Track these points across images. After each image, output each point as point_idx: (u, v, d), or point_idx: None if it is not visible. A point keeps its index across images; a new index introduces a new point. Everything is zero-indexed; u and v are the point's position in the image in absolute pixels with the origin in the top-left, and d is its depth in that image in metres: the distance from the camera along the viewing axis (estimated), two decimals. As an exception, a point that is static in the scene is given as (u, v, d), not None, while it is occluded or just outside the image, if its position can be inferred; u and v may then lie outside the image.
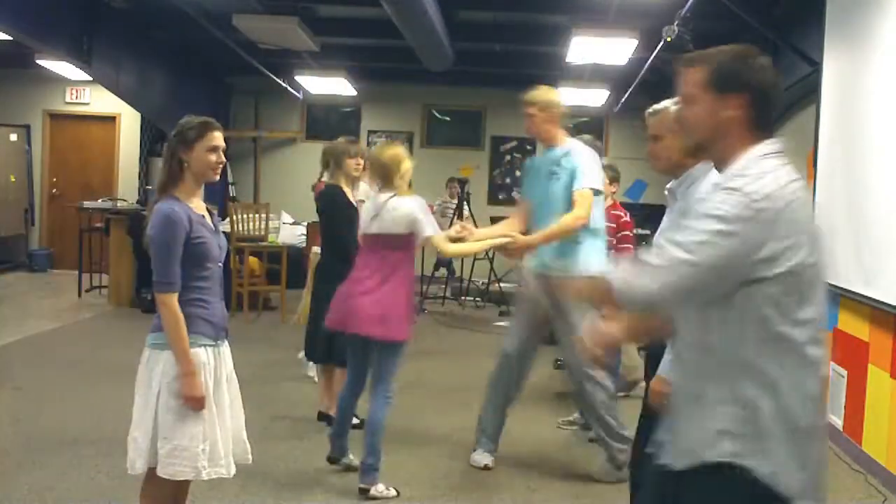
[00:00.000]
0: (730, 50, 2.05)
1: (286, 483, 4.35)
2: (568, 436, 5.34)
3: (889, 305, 4.61)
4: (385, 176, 4.30)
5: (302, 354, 6.27)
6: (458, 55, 9.73)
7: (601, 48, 8.01)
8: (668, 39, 6.73)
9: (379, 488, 4.18)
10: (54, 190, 12.56)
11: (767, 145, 2.00)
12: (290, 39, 8.20)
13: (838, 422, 5.31)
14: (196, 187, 3.01)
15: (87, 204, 10.59)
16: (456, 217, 10.27)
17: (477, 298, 10.62)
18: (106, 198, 11.15)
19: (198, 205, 3.03)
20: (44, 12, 7.87)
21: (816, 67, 6.06)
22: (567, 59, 8.67)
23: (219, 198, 12.48)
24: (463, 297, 10.59)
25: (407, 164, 4.35)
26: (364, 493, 4.16)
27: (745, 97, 1.98)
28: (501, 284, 10.50)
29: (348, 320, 4.19)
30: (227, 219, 8.97)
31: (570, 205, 4.40)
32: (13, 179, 11.96)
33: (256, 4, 8.03)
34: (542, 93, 4.58)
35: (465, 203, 10.42)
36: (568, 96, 10.89)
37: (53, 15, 8.07)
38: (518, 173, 12.82)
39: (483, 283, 10.71)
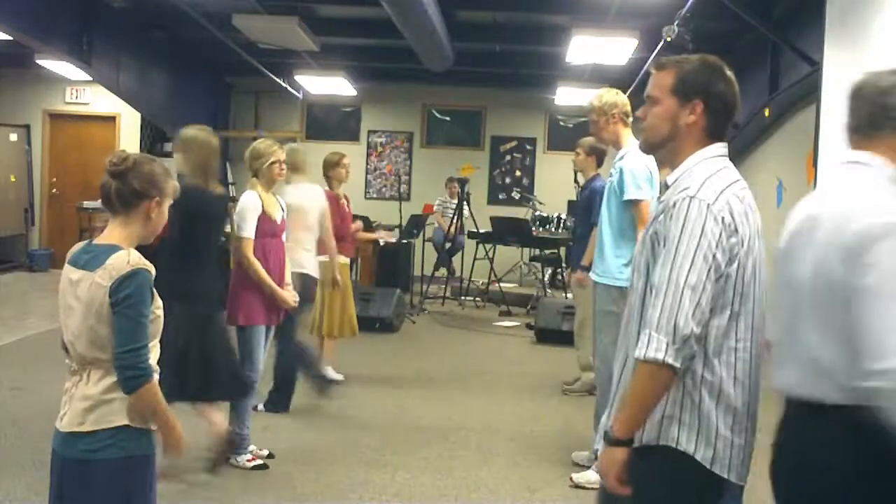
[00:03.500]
0: (697, 59, 2.18)
1: (286, 483, 4.35)
2: (569, 435, 5.34)
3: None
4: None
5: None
6: (458, 55, 9.73)
7: (601, 48, 8.00)
8: (668, 39, 6.73)
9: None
10: (54, 190, 12.56)
11: (716, 148, 2.15)
12: (290, 39, 8.20)
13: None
14: None
15: (87, 204, 10.59)
16: (456, 217, 10.28)
17: (477, 298, 10.61)
18: (106, 198, 11.14)
19: None
20: (44, 12, 7.88)
21: (816, 67, 6.06)
22: (567, 59, 8.67)
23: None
24: (463, 297, 10.59)
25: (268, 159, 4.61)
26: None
27: (703, 104, 2.12)
28: (501, 284, 10.50)
29: None
30: (227, 218, 8.95)
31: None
32: (13, 179, 11.96)
33: (256, 4, 8.03)
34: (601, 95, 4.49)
35: (465, 203, 10.42)
36: (568, 96, 10.94)
37: (53, 15, 8.08)
38: (518, 173, 12.83)
39: (483, 283, 10.71)
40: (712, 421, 2.00)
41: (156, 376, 2.34)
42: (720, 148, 2.15)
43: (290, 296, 4.60)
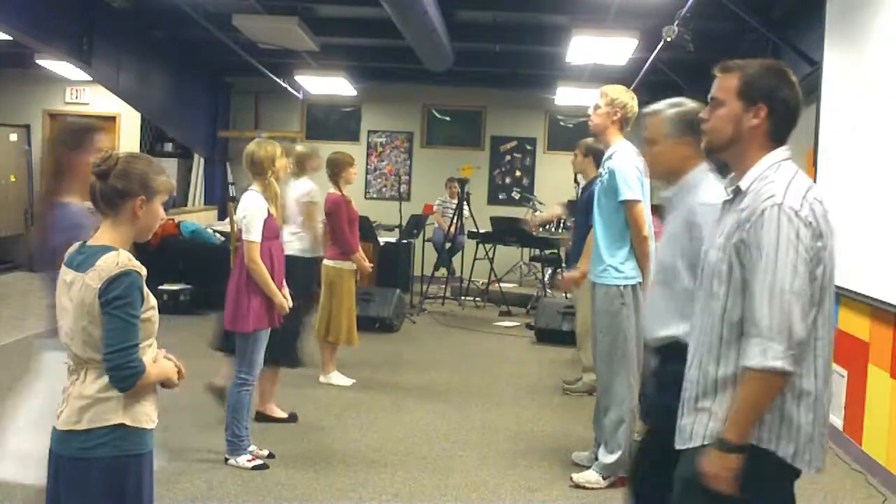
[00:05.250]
0: (760, 63, 2.21)
1: (286, 483, 4.35)
2: (569, 436, 5.34)
3: (889, 305, 4.62)
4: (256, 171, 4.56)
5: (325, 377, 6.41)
6: (458, 55, 9.72)
7: (601, 48, 8.00)
8: (668, 39, 6.74)
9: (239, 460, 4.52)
10: (54, 190, 12.54)
11: (783, 152, 2.21)
12: (290, 39, 8.20)
13: (838, 422, 5.30)
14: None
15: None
16: (456, 217, 10.28)
17: (477, 298, 10.61)
18: (106, 198, 11.15)
19: None
20: (44, 12, 7.87)
21: (816, 67, 6.06)
22: (567, 59, 8.66)
23: (218, 198, 12.50)
24: (463, 297, 10.59)
25: (283, 162, 4.67)
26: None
27: (767, 109, 2.16)
28: (501, 284, 10.50)
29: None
30: (227, 218, 8.96)
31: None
32: (13, 179, 11.96)
33: (256, 4, 8.03)
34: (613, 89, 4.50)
35: (465, 203, 10.42)
36: (568, 96, 10.93)
37: (53, 15, 8.07)
38: (518, 173, 12.83)
39: (483, 283, 10.71)
40: (794, 419, 2.09)
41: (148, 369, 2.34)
42: (786, 151, 2.21)
43: (286, 301, 4.57)
